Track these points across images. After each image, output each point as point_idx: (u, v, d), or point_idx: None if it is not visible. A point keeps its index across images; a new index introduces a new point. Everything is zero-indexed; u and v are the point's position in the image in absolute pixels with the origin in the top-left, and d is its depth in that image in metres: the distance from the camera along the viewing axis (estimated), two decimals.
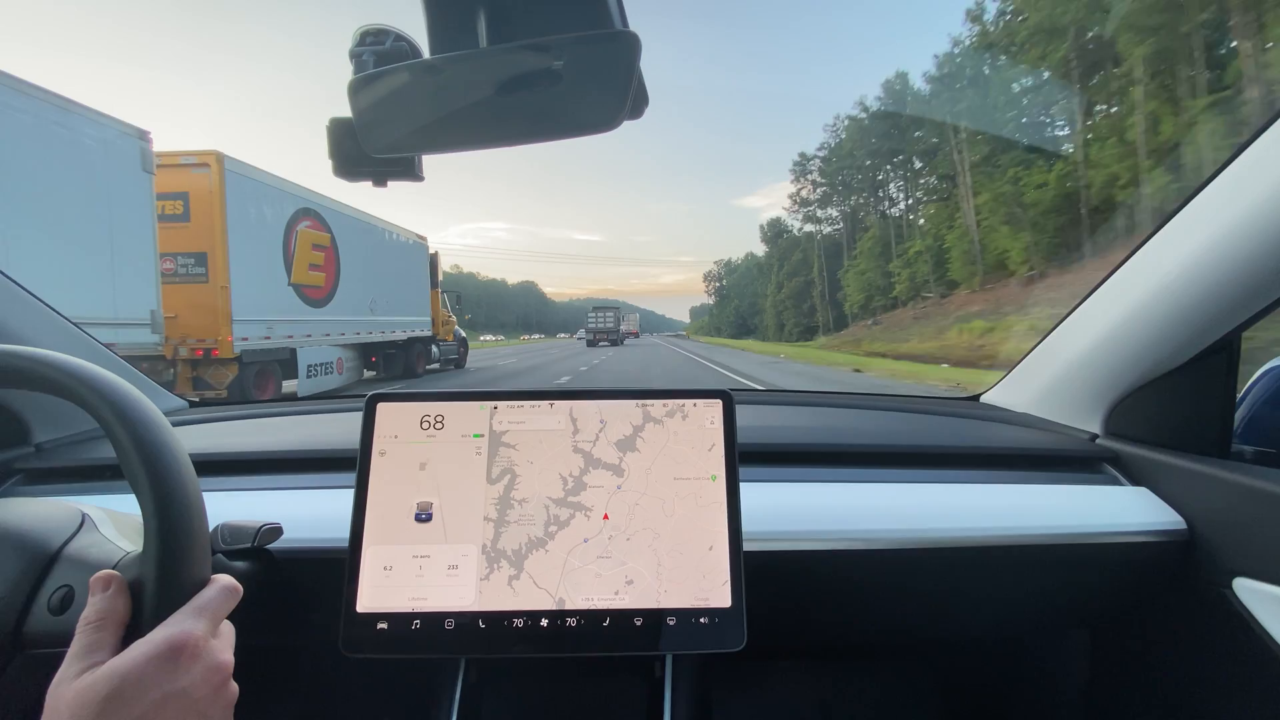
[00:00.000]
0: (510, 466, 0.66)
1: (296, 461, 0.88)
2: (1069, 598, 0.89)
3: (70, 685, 0.38)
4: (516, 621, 0.61)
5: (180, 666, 0.40)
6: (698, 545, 0.64)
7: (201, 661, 0.41)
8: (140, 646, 0.40)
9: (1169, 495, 0.83)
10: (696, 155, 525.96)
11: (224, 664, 0.42)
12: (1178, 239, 0.77)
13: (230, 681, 0.43)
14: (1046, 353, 1.07)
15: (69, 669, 0.39)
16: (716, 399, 0.69)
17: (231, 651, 0.45)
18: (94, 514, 0.59)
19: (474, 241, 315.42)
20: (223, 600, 0.45)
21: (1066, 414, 1.04)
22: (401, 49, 0.50)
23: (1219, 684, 0.78)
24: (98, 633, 0.41)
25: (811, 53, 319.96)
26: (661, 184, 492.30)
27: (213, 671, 0.41)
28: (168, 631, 0.41)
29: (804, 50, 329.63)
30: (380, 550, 0.63)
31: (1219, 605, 0.75)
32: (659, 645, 0.62)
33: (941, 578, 0.83)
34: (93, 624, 0.41)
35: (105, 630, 0.41)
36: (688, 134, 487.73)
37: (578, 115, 0.48)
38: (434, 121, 0.51)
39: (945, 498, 0.84)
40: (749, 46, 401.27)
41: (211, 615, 0.44)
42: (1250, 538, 0.72)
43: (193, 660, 0.40)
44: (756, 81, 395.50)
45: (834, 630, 0.97)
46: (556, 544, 0.63)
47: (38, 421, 0.92)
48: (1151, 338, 0.83)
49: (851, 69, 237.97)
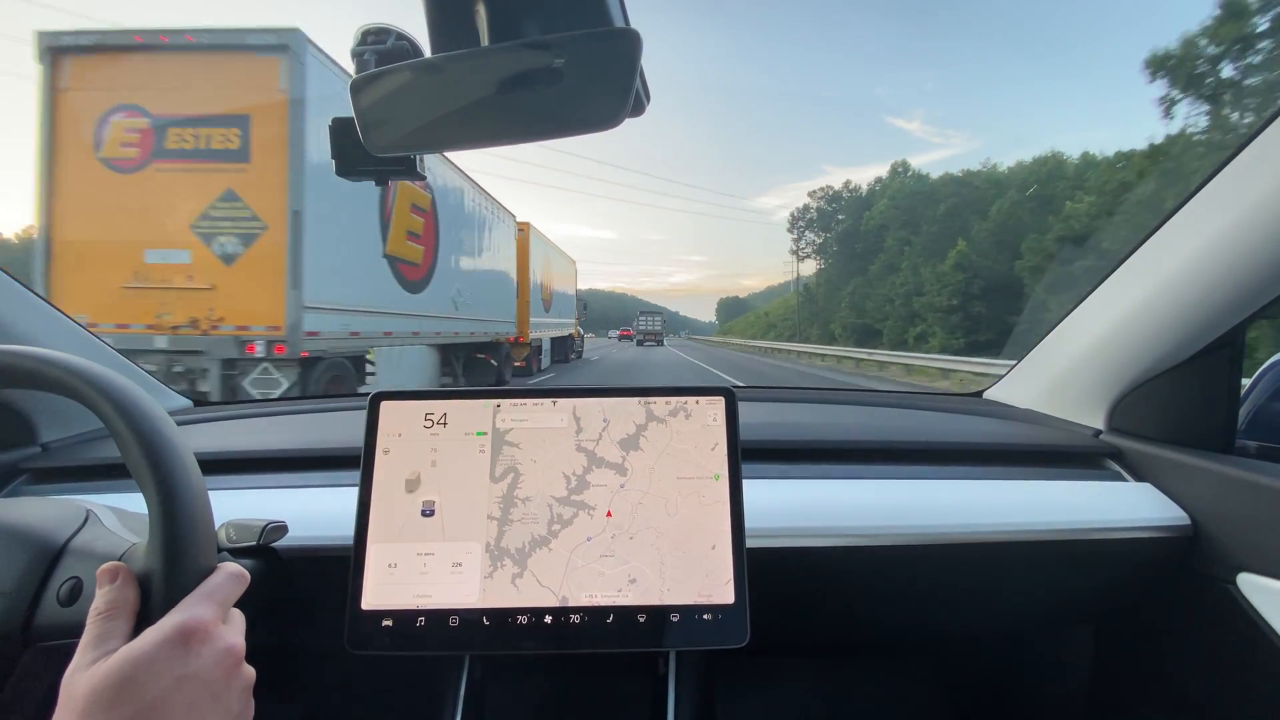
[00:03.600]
0: (514, 465, 0.66)
1: (301, 460, 0.89)
2: (1073, 594, 0.89)
3: (84, 673, 0.38)
4: (521, 618, 0.61)
5: (191, 651, 0.40)
6: (701, 544, 0.64)
7: (212, 645, 0.41)
8: (151, 633, 0.40)
9: (1173, 491, 0.83)
10: (710, 154, 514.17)
11: (235, 647, 0.43)
12: (1181, 234, 0.77)
13: (244, 665, 0.44)
14: (1050, 349, 1.07)
15: (82, 658, 0.39)
16: (719, 396, 0.69)
17: (243, 636, 0.45)
18: (99, 510, 0.60)
19: None
20: (231, 585, 0.46)
21: (1070, 410, 1.04)
22: (403, 48, 0.51)
23: (1223, 679, 0.78)
24: (109, 622, 0.41)
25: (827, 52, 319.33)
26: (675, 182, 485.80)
27: (224, 654, 0.41)
28: (178, 617, 0.41)
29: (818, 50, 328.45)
30: (385, 548, 0.63)
31: (1223, 601, 0.75)
32: (663, 641, 0.62)
33: (945, 574, 0.83)
34: (103, 614, 0.41)
35: (117, 619, 0.41)
36: (701, 132, 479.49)
37: (579, 113, 0.48)
38: (436, 120, 0.51)
39: (949, 494, 0.84)
40: (764, 44, 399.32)
41: (220, 600, 0.44)
42: (1254, 533, 0.72)
43: (203, 644, 0.41)
44: (771, 80, 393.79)
45: (838, 627, 0.97)
46: (559, 542, 0.64)
47: (44, 421, 0.93)
48: (1155, 333, 0.83)
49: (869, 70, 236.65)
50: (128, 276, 4.64)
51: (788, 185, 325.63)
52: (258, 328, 4.70)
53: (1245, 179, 0.68)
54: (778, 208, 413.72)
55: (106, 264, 4.63)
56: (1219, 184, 0.71)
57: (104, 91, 4.59)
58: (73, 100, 4.56)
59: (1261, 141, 0.66)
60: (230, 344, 4.69)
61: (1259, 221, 0.67)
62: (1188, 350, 0.82)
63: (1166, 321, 0.81)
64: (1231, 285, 0.72)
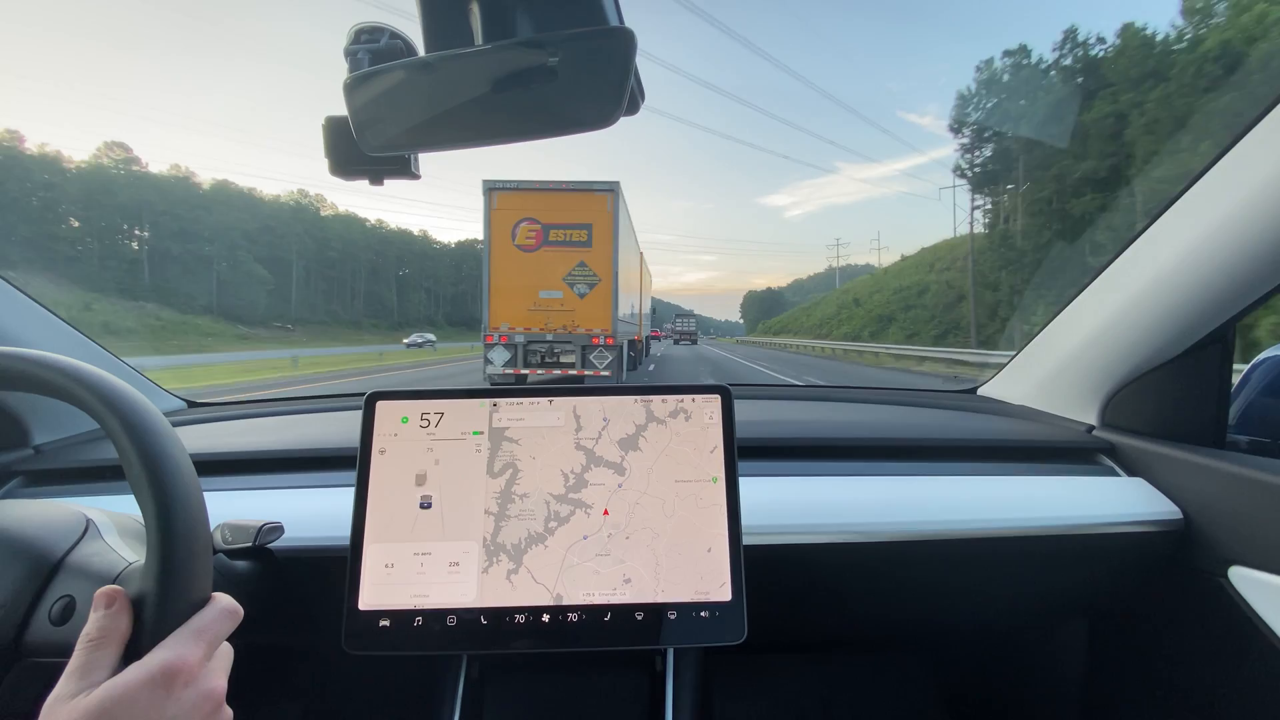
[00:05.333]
0: (512, 461, 0.66)
1: (297, 460, 0.88)
2: (1067, 588, 0.90)
3: (65, 705, 0.38)
4: (518, 617, 0.61)
5: (172, 694, 0.40)
6: (697, 547, 0.64)
7: (194, 688, 0.41)
8: (135, 670, 0.39)
9: (1165, 485, 0.84)
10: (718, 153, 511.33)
11: (215, 690, 0.42)
12: (1172, 231, 0.77)
13: (222, 708, 0.43)
14: (1043, 345, 1.07)
15: (65, 687, 0.39)
16: (716, 394, 0.69)
17: (225, 676, 0.44)
18: (97, 518, 0.59)
19: None
20: (222, 622, 0.45)
21: (1063, 406, 1.05)
22: (396, 47, 0.50)
23: (1215, 671, 0.79)
24: (97, 651, 0.41)
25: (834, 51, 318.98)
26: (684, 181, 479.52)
27: (204, 699, 0.41)
28: (163, 655, 0.41)
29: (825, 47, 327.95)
30: (381, 548, 0.63)
31: (1215, 594, 0.76)
32: (660, 639, 0.62)
33: (940, 570, 0.84)
34: (93, 641, 0.41)
35: (105, 649, 0.41)
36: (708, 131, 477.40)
37: (574, 112, 0.48)
38: (430, 119, 0.51)
39: (943, 490, 0.84)
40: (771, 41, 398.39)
41: (210, 639, 0.44)
42: (1246, 527, 0.73)
43: (185, 687, 0.40)
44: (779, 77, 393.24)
45: (834, 623, 0.98)
46: (556, 540, 0.64)
47: (37, 423, 0.92)
48: (1147, 329, 0.83)
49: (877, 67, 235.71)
50: (531, 304, 8.98)
51: (799, 183, 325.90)
52: (597, 330, 9.03)
53: (1236, 175, 0.69)
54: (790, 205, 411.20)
55: (519, 297, 8.96)
56: (1210, 181, 0.72)
57: (515, 210, 8.98)
58: (500, 215, 8.98)
59: (1252, 138, 0.66)
60: (584, 338, 9.02)
61: (1250, 218, 0.67)
62: (1180, 346, 0.82)
63: (1159, 317, 0.81)
64: (1223, 282, 0.73)
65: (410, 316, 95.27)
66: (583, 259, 8.95)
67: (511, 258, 8.88)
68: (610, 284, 9.01)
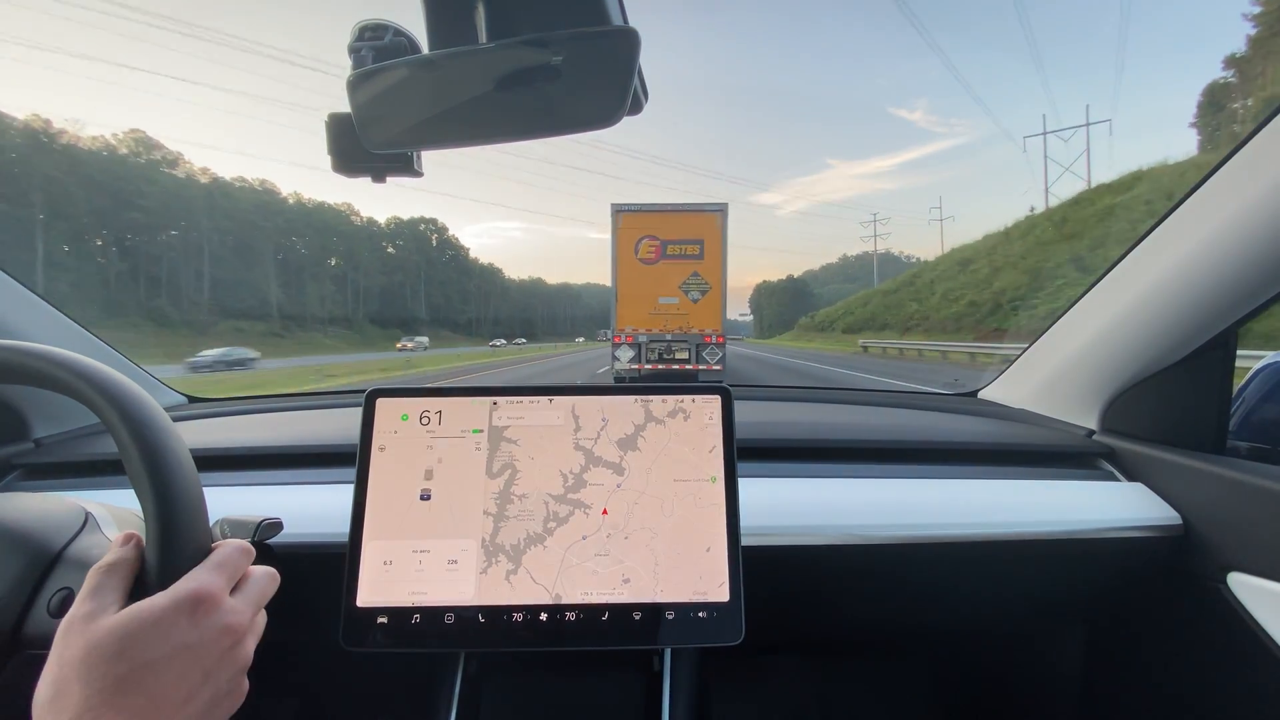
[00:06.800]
0: (511, 461, 0.66)
1: (297, 456, 0.89)
2: (1065, 592, 0.90)
3: (88, 624, 0.38)
4: (516, 615, 0.61)
5: (196, 620, 0.40)
6: (696, 546, 0.64)
7: (216, 618, 0.42)
8: (163, 596, 0.41)
9: (1165, 491, 0.84)
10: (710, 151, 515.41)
11: (236, 625, 0.43)
12: (1175, 236, 0.77)
13: (244, 646, 0.44)
14: (1044, 349, 1.07)
15: (81, 608, 0.40)
16: (715, 395, 0.69)
17: (247, 619, 0.45)
18: (97, 512, 0.59)
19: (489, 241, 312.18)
20: (238, 558, 0.46)
21: (1064, 410, 1.05)
22: (400, 44, 0.50)
23: (1213, 678, 0.79)
24: (110, 576, 0.42)
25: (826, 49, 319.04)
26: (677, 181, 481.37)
27: (224, 632, 0.42)
28: (190, 584, 0.42)
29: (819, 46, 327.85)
30: (380, 545, 0.63)
31: (1214, 600, 0.76)
32: (658, 639, 0.62)
33: (938, 573, 0.84)
34: (107, 566, 0.43)
35: (116, 574, 0.42)
36: (700, 129, 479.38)
37: (578, 111, 0.48)
38: (433, 117, 0.51)
39: (943, 493, 0.84)
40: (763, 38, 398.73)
41: (229, 572, 0.45)
42: (1245, 533, 0.73)
43: (207, 615, 0.41)
44: (770, 74, 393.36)
45: (832, 624, 0.98)
46: (555, 540, 0.64)
47: (37, 417, 0.92)
48: (1148, 334, 0.83)
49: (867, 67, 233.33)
50: (651, 308, 10.33)
51: (789, 181, 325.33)
52: (708, 330, 10.28)
53: (1238, 183, 0.69)
54: (781, 203, 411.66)
55: (642, 303, 10.30)
56: (1212, 188, 0.72)
57: (638, 229, 10.29)
58: (625, 233, 10.29)
59: (1255, 145, 0.66)
60: (698, 337, 10.28)
61: (1252, 224, 0.67)
62: (1181, 351, 0.82)
63: (1160, 323, 0.81)
64: (1224, 287, 0.73)
65: None
66: (696, 269, 10.30)
67: (635, 269, 10.29)
68: (720, 290, 10.33)
